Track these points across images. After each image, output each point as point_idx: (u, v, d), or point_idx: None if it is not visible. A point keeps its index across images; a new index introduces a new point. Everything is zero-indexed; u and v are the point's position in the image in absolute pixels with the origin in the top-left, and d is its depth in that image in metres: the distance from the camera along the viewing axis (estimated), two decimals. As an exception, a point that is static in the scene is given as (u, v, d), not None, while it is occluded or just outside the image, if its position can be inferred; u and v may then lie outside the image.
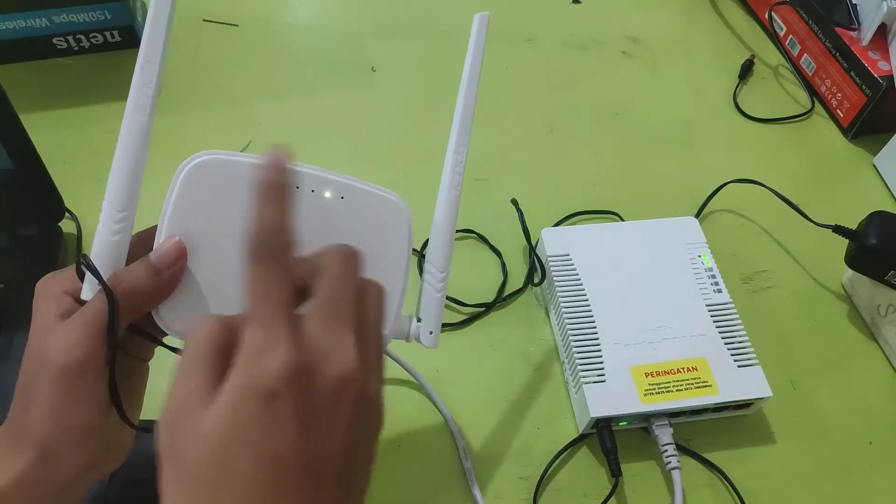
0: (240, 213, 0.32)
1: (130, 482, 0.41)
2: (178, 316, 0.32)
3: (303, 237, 0.32)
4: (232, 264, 0.32)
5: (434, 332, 0.36)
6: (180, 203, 0.32)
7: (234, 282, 0.32)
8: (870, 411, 0.51)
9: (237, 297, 0.31)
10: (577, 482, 0.47)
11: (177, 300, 0.32)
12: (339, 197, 0.34)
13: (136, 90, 0.31)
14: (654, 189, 0.63)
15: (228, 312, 0.27)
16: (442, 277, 0.37)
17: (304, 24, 0.75)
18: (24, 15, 0.64)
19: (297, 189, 0.33)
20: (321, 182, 0.34)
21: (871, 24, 0.66)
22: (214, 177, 0.32)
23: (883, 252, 0.51)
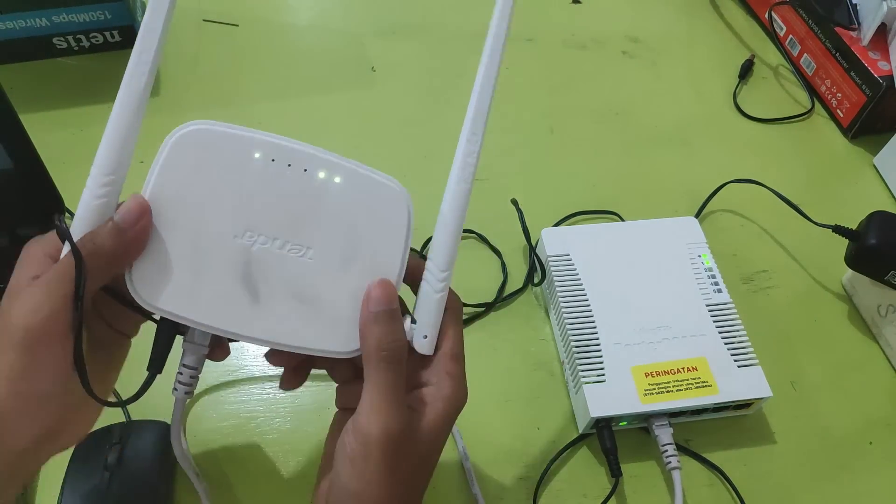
0: (227, 185, 0.31)
1: (129, 478, 0.41)
2: (149, 284, 0.31)
3: (290, 214, 0.32)
4: (211, 237, 0.31)
5: (429, 337, 0.33)
6: (166, 169, 0.31)
7: (212, 255, 0.31)
8: (870, 411, 0.51)
9: (213, 269, 0.31)
10: (577, 482, 0.47)
11: (149, 268, 0.31)
12: (333, 179, 0.33)
13: (135, 56, 0.31)
14: (654, 189, 0.63)
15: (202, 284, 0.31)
16: (443, 277, 0.33)
17: (304, 24, 0.75)
18: (24, 15, 0.64)
19: (289, 167, 0.32)
20: (315, 162, 0.32)
21: (871, 24, 0.66)
22: (205, 147, 0.32)
23: (883, 252, 0.51)
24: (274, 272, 0.32)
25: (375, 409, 0.30)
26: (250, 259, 0.32)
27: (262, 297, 0.32)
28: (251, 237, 0.32)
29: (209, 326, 0.32)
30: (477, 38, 0.37)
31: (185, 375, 0.34)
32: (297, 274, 0.32)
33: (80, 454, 0.43)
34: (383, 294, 0.32)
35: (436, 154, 0.64)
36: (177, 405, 0.35)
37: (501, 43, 0.36)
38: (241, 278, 0.32)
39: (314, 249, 0.32)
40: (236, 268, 0.32)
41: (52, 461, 0.44)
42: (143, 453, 0.43)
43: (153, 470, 0.42)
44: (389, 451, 0.29)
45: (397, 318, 0.32)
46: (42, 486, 0.44)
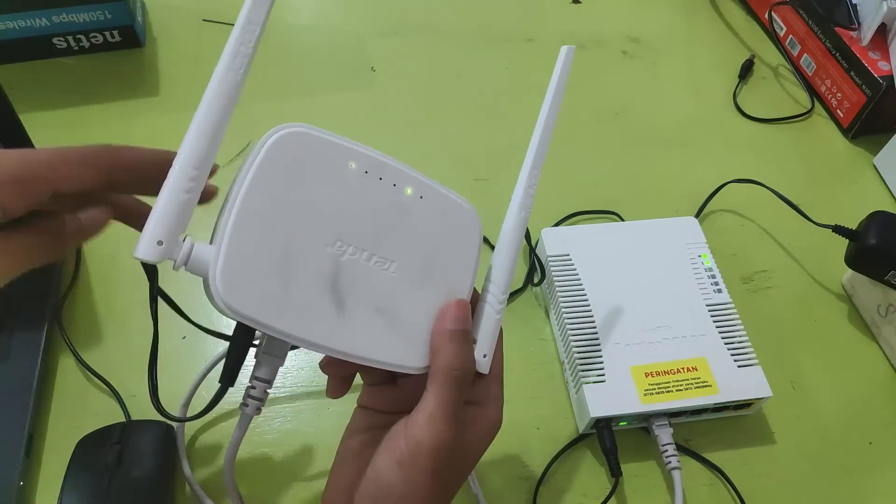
0: (321, 193, 0.31)
1: (129, 478, 0.41)
2: (236, 289, 0.29)
3: (378, 227, 0.32)
4: (303, 245, 0.30)
5: (488, 356, 0.34)
6: (261, 170, 0.30)
7: (302, 263, 0.30)
8: (870, 411, 0.51)
9: (302, 279, 0.30)
10: (577, 482, 0.47)
11: (237, 273, 0.29)
12: (418, 196, 0.33)
13: (232, 48, 0.30)
14: (654, 189, 0.63)
15: (290, 294, 0.30)
16: (503, 299, 0.35)
17: (304, 23, 0.75)
18: (24, 15, 0.64)
19: (380, 180, 0.32)
20: (404, 178, 0.33)
21: (871, 24, 0.66)
22: (301, 151, 0.30)
23: (883, 252, 0.51)
24: (360, 284, 0.31)
25: (435, 421, 0.31)
26: (339, 269, 0.31)
27: (347, 308, 0.31)
28: (341, 247, 0.31)
29: (294, 337, 0.30)
30: (477, 38, 0.37)
31: (259, 389, 0.33)
32: (382, 287, 0.32)
33: (80, 454, 0.43)
34: (461, 314, 0.33)
35: (435, 153, 0.64)
36: (242, 420, 0.33)
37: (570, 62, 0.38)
38: (329, 288, 0.31)
39: (397, 263, 0.32)
40: (325, 278, 0.31)
41: (52, 461, 0.44)
42: (143, 453, 0.43)
43: (153, 470, 0.42)
44: (437, 462, 0.31)
45: (469, 339, 0.33)
46: (42, 486, 0.44)
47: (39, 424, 0.46)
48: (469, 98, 0.69)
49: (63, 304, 0.51)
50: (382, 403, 0.36)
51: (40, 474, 0.44)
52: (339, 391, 0.37)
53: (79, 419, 0.46)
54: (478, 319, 0.34)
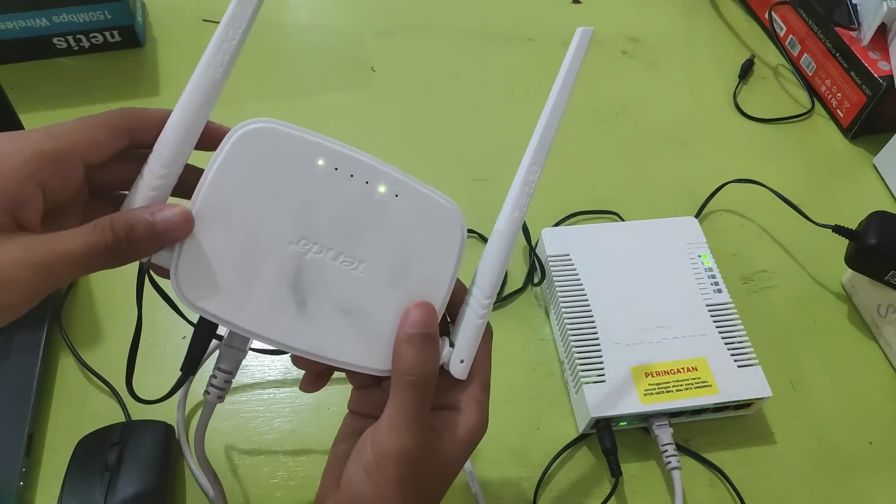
0: (287, 190, 0.30)
1: (129, 478, 0.41)
2: (195, 284, 0.30)
3: (346, 225, 0.31)
4: (265, 241, 0.30)
5: (465, 362, 0.33)
6: (226, 165, 0.30)
7: (264, 260, 0.30)
8: (870, 411, 0.51)
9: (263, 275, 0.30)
10: (577, 482, 0.47)
11: (197, 267, 0.30)
12: (392, 194, 0.32)
13: (215, 45, 0.30)
14: (654, 189, 0.63)
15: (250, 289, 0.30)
16: (486, 304, 0.33)
17: (303, 23, 0.75)
18: (24, 15, 0.64)
19: (351, 177, 0.31)
20: (377, 175, 0.31)
21: (871, 24, 0.66)
22: (268, 147, 0.30)
23: (883, 252, 0.51)
24: (324, 283, 0.31)
25: (395, 427, 0.30)
26: (302, 268, 0.31)
27: (309, 307, 0.31)
28: (306, 245, 0.31)
29: (252, 333, 0.30)
30: (477, 38, 0.37)
31: (220, 379, 0.34)
32: (347, 287, 0.31)
33: (80, 454, 0.43)
34: (422, 317, 0.31)
35: (435, 153, 0.64)
36: (206, 408, 0.35)
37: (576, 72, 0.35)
38: (290, 286, 0.31)
39: (366, 263, 0.31)
40: (287, 275, 0.30)
41: (52, 461, 0.44)
42: (143, 453, 0.43)
43: (153, 470, 0.42)
44: (404, 470, 0.30)
45: (433, 342, 0.32)
46: (42, 485, 0.44)
47: (39, 424, 0.46)
48: (469, 98, 0.69)
49: (63, 304, 0.51)
50: (370, 408, 0.35)
51: (40, 474, 0.44)
52: (313, 386, 0.36)
53: (79, 419, 0.46)
54: (458, 323, 0.33)
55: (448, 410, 0.33)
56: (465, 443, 0.32)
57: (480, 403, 0.33)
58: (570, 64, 0.35)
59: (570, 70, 0.35)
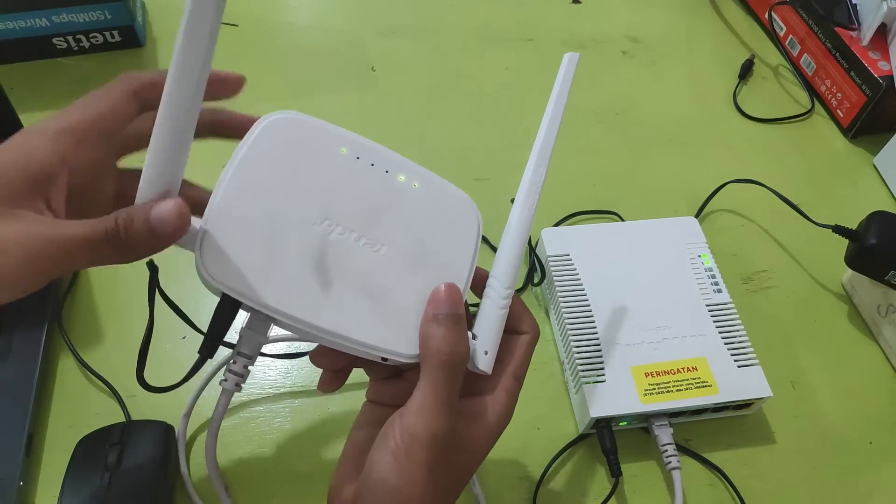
0: (311, 174, 0.31)
1: (129, 478, 0.41)
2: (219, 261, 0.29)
3: (368, 210, 0.32)
4: (290, 221, 0.31)
5: (490, 353, 0.33)
6: (253, 151, 0.31)
7: (288, 238, 0.30)
8: (870, 411, 0.51)
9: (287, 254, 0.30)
10: (577, 482, 0.47)
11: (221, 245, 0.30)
12: (412, 183, 0.33)
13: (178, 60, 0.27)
14: (654, 189, 0.63)
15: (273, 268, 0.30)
16: (506, 294, 0.33)
17: (304, 24, 0.75)
18: (24, 15, 0.64)
19: (372, 166, 0.32)
20: (397, 165, 0.33)
21: (871, 24, 0.66)
22: (293, 135, 0.32)
23: (883, 252, 0.51)
24: (347, 264, 0.31)
25: (427, 410, 0.29)
26: (325, 248, 0.31)
27: (333, 287, 0.31)
28: (329, 226, 0.31)
29: (276, 311, 0.30)
30: (477, 38, 0.37)
31: (239, 365, 0.33)
32: (370, 268, 0.31)
33: (80, 454, 0.43)
34: (449, 297, 0.32)
35: (435, 154, 0.64)
36: (223, 396, 0.33)
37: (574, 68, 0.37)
38: (314, 266, 0.31)
39: (387, 247, 0.32)
40: (311, 255, 0.31)
41: (52, 461, 0.44)
42: (143, 453, 0.43)
43: (153, 470, 0.42)
44: (433, 454, 0.29)
45: (461, 323, 0.32)
46: (42, 485, 0.44)
47: (39, 424, 0.46)
48: (469, 98, 0.69)
49: (63, 304, 0.51)
50: (389, 397, 0.35)
51: (40, 474, 0.44)
52: (332, 384, 0.36)
53: (79, 419, 0.46)
54: (480, 315, 0.33)
55: (477, 397, 0.33)
56: (492, 431, 0.32)
57: (510, 392, 0.33)
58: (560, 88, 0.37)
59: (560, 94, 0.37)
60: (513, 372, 0.34)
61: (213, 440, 0.36)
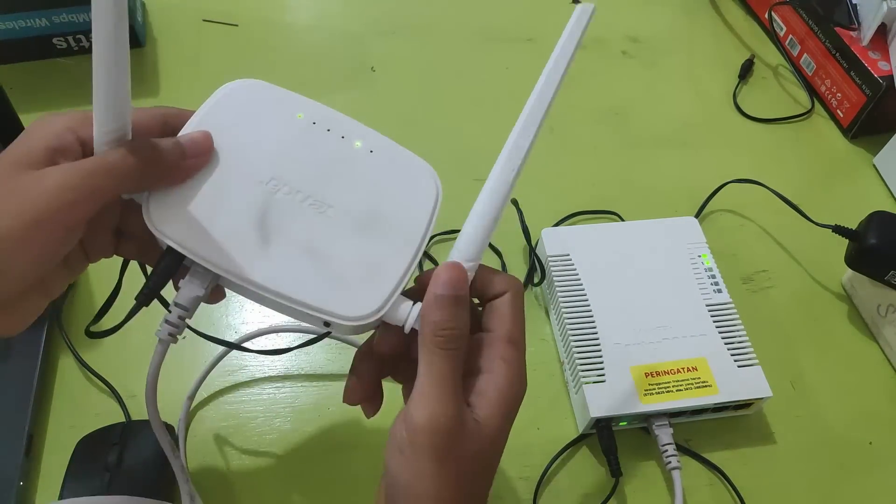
0: (264, 135, 0.32)
1: (129, 478, 0.41)
2: (164, 210, 0.30)
3: (319, 172, 0.32)
4: (236, 178, 0.32)
5: None
6: (211, 110, 0.32)
7: (232, 195, 0.31)
8: (870, 411, 0.51)
9: (229, 209, 0.31)
10: (577, 482, 0.47)
11: (168, 196, 0.30)
12: (367, 149, 0.34)
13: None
14: (654, 189, 0.63)
15: (215, 222, 0.31)
16: (470, 267, 0.31)
17: (304, 24, 0.75)
18: (24, 15, 0.64)
19: (328, 131, 0.33)
20: (354, 131, 0.34)
21: (871, 24, 0.66)
22: (252, 98, 0.33)
23: (883, 252, 0.51)
24: (289, 223, 0.31)
25: (425, 396, 0.28)
26: (269, 206, 0.31)
27: (272, 244, 0.31)
28: (275, 185, 0.32)
29: (214, 264, 0.30)
30: (477, 38, 0.37)
31: (174, 315, 0.32)
32: (313, 228, 0.32)
33: (80, 454, 0.43)
34: (450, 278, 0.30)
35: (435, 154, 0.64)
36: (158, 348, 0.32)
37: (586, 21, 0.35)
38: (256, 223, 0.31)
39: (334, 209, 0.32)
40: (253, 212, 0.31)
41: (52, 461, 0.44)
42: (143, 453, 0.43)
43: (153, 470, 0.42)
44: (439, 444, 0.28)
45: (463, 304, 0.30)
46: (42, 485, 0.44)
47: (39, 424, 0.46)
48: (469, 98, 0.69)
49: (63, 304, 0.51)
50: None
51: (40, 474, 0.44)
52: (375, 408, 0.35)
53: (79, 419, 0.46)
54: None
55: (473, 377, 0.31)
56: (498, 408, 0.30)
57: (508, 360, 0.30)
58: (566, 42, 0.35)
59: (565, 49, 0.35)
60: (505, 336, 0.31)
61: (152, 392, 0.34)
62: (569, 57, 0.35)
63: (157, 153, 0.30)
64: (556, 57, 0.35)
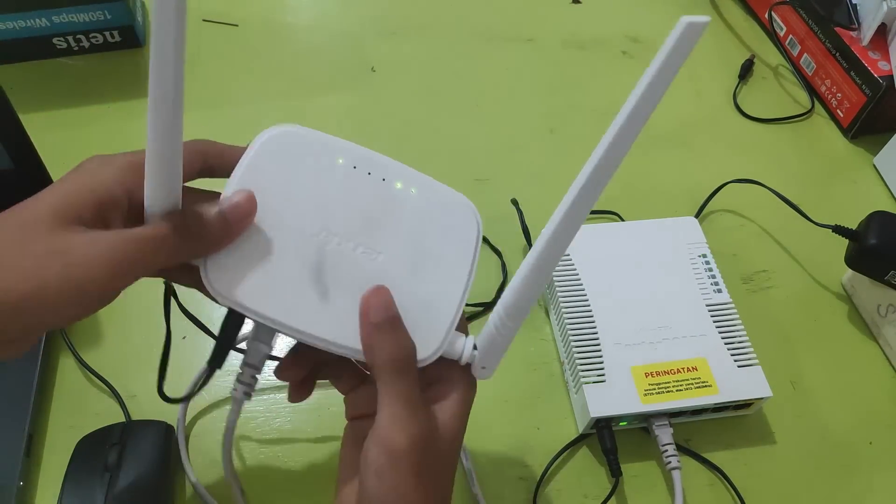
0: (308, 186, 0.32)
1: (129, 478, 0.41)
2: (224, 275, 0.31)
3: (365, 218, 0.32)
4: (288, 233, 0.32)
5: (488, 369, 0.33)
6: (252, 166, 0.32)
7: (287, 251, 0.31)
8: (870, 411, 0.51)
9: (286, 265, 0.31)
10: (577, 482, 0.47)
11: (224, 259, 0.31)
12: (409, 189, 0.33)
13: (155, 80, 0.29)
14: (654, 189, 0.63)
15: (275, 280, 0.31)
16: (512, 327, 0.31)
17: (304, 24, 0.75)
18: (24, 15, 0.64)
19: (368, 174, 0.33)
20: (394, 172, 0.34)
21: (871, 24, 0.66)
22: (291, 148, 0.33)
23: (883, 252, 0.51)
24: (345, 273, 0.32)
25: (399, 420, 0.29)
26: (323, 258, 0.32)
27: (331, 296, 0.32)
28: (326, 236, 0.32)
29: (279, 323, 0.31)
30: (477, 38, 0.37)
31: (247, 375, 0.34)
32: (367, 276, 0.32)
33: (80, 454, 0.43)
34: (382, 302, 0.31)
35: (435, 154, 0.64)
36: (234, 405, 0.35)
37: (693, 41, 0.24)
38: (313, 276, 0.32)
39: (384, 255, 0.32)
40: (309, 265, 0.32)
41: (52, 461, 0.44)
42: (143, 453, 0.43)
43: (153, 470, 0.42)
44: (417, 459, 0.29)
45: (399, 324, 0.31)
46: (42, 485, 0.44)
47: (39, 424, 0.46)
48: (469, 98, 0.69)
49: (63, 304, 0.51)
50: (364, 405, 0.35)
51: (40, 474, 0.44)
52: (299, 395, 0.36)
53: (79, 419, 0.46)
54: (484, 333, 0.32)
55: (431, 384, 0.33)
56: (457, 409, 0.32)
57: (461, 366, 0.33)
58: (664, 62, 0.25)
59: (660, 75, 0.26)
60: None
61: (228, 448, 0.37)
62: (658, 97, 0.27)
63: (203, 226, 0.30)
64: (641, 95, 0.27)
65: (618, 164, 0.28)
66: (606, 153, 0.28)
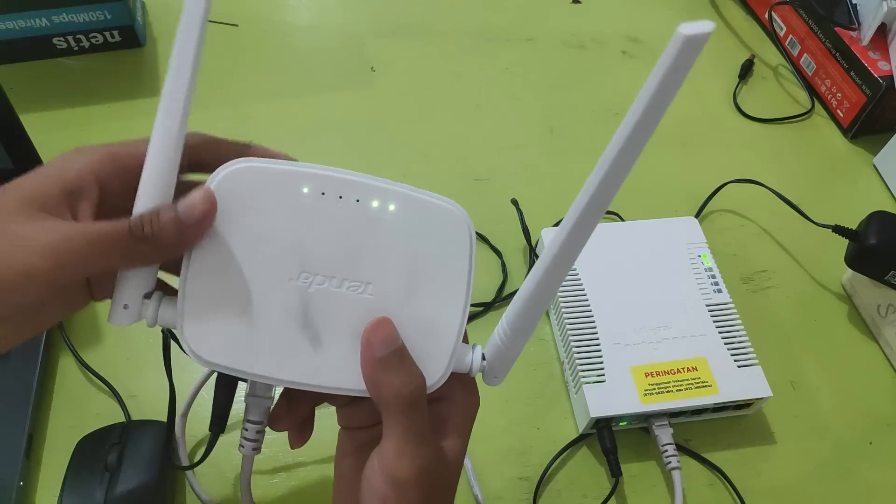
0: (276, 226, 0.29)
1: (129, 478, 0.41)
2: (204, 340, 0.29)
3: (345, 248, 0.29)
4: (265, 283, 0.29)
5: (499, 378, 0.32)
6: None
7: (267, 302, 0.29)
8: (870, 411, 0.51)
9: (269, 317, 0.29)
10: (577, 482, 0.47)
11: (202, 323, 0.29)
12: (387, 206, 0.30)
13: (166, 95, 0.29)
14: (654, 189, 0.63)
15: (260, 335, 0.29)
16: (521, 342, 0.30)
17: (304, 23, 0.75)
18: (24, 15, 0.64)
19: (340, 198, 0.29)
20: (367, 190, 0.30)
21: (871, 24, 0.66)
22: (249, 187, 0.29)
23: (883, 252, 0.51)
24: (333, 314, 0.29)
25: (407, 454, 0.28)
26: (308, 302, 0.29)
27: (323, 341, 0.29)
28: (307, 278, 0.29)
29: (272, 379, 0.29)
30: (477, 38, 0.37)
31: (251, 431, 0.33)
32: (358, 312, 0.30)
33: (80, 454, 0.43)
34: (385, 335, 0.29)
35: (434, 154, 0.64)
36: (245, 462, 0.34)
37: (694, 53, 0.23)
38: (300, 324, 0.29)
39: (374, 285, 0.30)
40: (294, 313, 0.29)
41: (52, 461, 0.44)
42: (143, 453, 0.43)
43: (153, 470, 0.42)
44: (424, 488, 0.28)
45: (406, 355, 0.29)
46: (42, 485, 0.44)
47: (39, 424, 0.46)
48: (469, 98, 0.69)
49: (63, 304, 0.51)
50: (361, 419, 0.33)
51: (40, 474, 0.44)
52: (302, 439, 0.36)
53: (79, 419, 0.46)
54: (491, 345, 0.32)
55: (434, 403, 0.31)
56: (460, 429, 0.31)
57: (466, 384, 0.32)
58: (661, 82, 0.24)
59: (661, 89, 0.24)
60: None
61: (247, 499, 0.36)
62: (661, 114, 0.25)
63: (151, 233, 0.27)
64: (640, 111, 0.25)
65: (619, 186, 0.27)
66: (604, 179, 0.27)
